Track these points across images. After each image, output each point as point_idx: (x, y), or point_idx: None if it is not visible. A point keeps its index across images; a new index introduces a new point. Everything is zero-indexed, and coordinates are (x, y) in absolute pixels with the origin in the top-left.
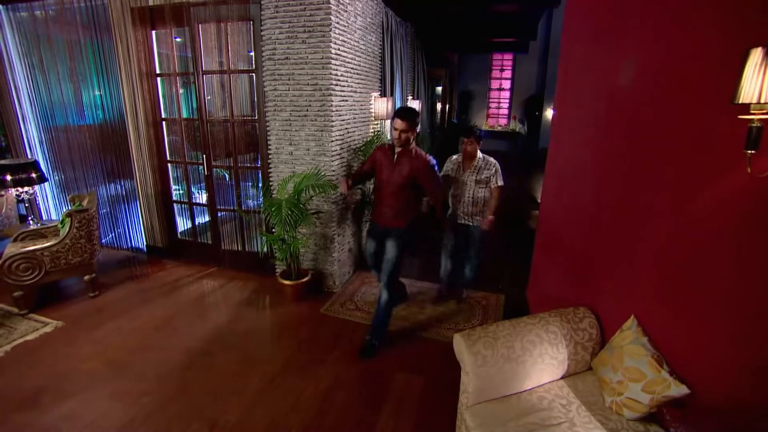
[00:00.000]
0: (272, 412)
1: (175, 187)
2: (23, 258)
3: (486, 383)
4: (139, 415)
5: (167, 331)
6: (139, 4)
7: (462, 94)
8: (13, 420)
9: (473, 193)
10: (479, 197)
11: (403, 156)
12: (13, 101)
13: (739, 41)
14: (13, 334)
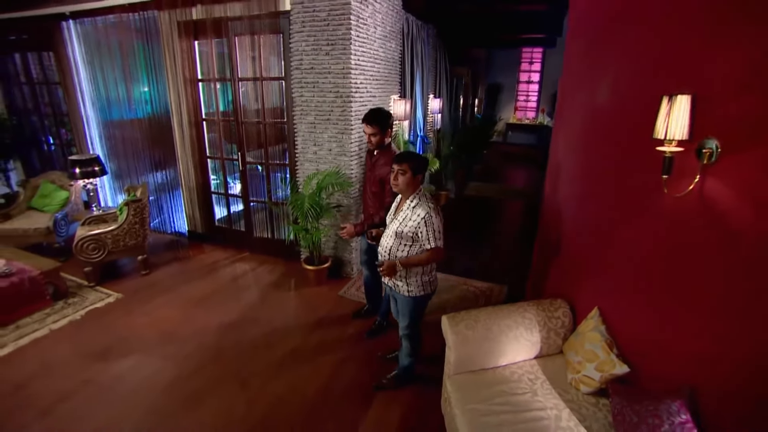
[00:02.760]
0: (292, 376)
1: (213, 177)
2: (92, 239)
3: (465, 357)
4: (184, 373)
5: (206, 307)
6: (184, 17)
7: (490, 87)
8: (91, 368)
9: (390, 249)
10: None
11: (381, 157)
12: (78, 102)
13: (659, 89)
14: (85, 302)
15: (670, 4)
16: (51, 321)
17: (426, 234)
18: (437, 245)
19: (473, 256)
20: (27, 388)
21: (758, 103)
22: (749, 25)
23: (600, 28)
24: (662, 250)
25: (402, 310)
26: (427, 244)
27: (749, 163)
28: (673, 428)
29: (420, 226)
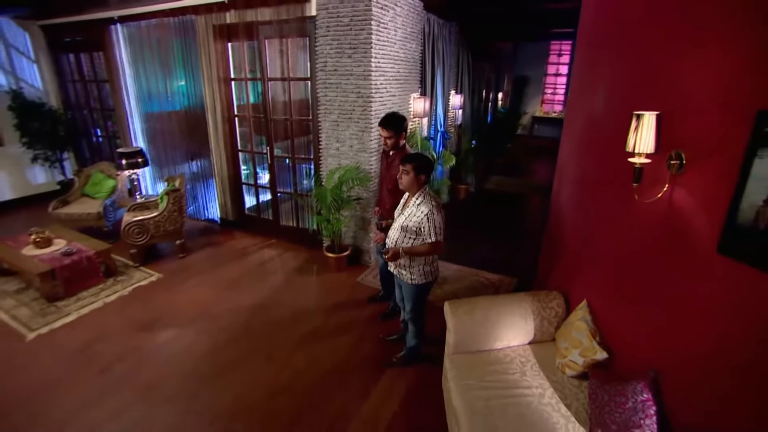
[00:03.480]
0: (312, 352)
1: (244, 168)
2: (137, 225)
3: (463, 339)
4: (218, 345)
5: (236, 288)
6: (219, 21)
7: (517, 79)
8: (137, 337)
9: (396, 240)
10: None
11: (396, 157)
12: (123, 97)
13: (634, 106)
14: (131, 280)
15: (644, 33)
16: (104, 295)
17: (428, 229)
18: (437, 239)
19: (488, 249)
20: (89, 350)
21: (716, 122)
22: (708, 52)
23: (597, 45)
24: (634, 251)
25: (406, 296)
26: (429, 238)
27: (707, 174)
28: (636, 405)
29: (423, 222)
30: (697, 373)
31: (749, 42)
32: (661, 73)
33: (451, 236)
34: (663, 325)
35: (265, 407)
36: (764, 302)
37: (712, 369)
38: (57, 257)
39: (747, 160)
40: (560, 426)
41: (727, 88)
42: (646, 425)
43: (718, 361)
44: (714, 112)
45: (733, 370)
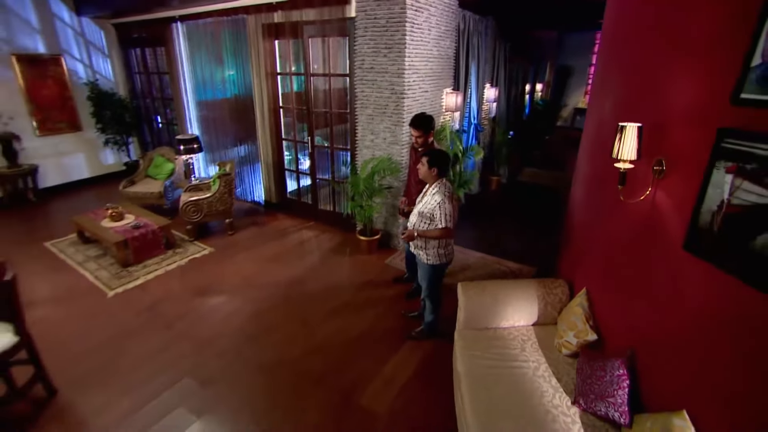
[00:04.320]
0: (342, 321)
1: (287, 154)
2: (193, 204)
3: (472, 317)
4: (260, 311)
5: (278, 263)
6: (267, 21)
7: (560, 69)
8: (193, 301)
9: (414, 224)
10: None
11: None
12: (181, 88)
13: (624, 117)
14: (187, 252)
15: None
16: (165, 264)
17: (439, 216)
18: (447, 226)
19: (513, 239)
20: (155, 309)
21: (689, 135)
22: (684, 75)
23: (608, 53)
24: (619, 246)
25: (422, 275)
26: (440, 223)
27: (680, 181)
28: (612, 378)
29: (436, 209)
30: (663, 353)
31: (713, 70)
32: (651, 89)
33: (476, 225)
34: (639, 311)
35: (299, 364)
36: (715, 293)
37: (674, 349)
38: (128, 229)
39: (708, 170)
40: (549, 394)
41: (697, 107)
42: (617, 395)
43: (679, 342)
44: (688, 127)
45: (692, 351)
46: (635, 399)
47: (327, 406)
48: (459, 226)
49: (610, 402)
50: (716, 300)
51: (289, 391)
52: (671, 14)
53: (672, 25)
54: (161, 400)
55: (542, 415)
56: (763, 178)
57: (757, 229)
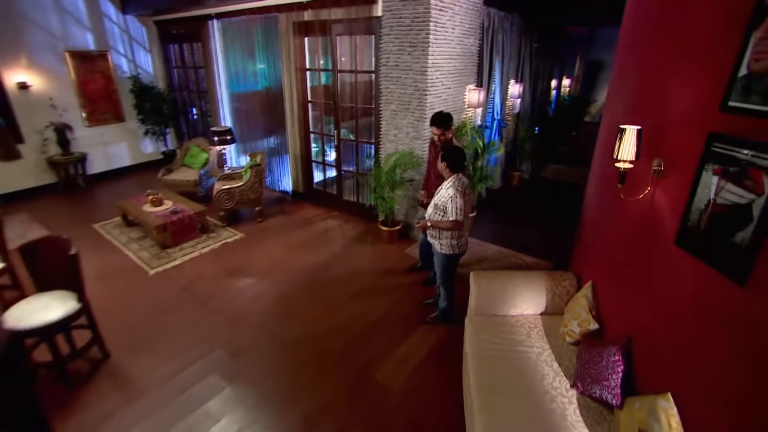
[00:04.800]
0: (362, 305)
1: (314, 146)
2: (226, 192)
3: (483, 304)
4: (287, 293)
5: (303, 249)
6: (298, 19)
7: (591, 64)
8: (226, 280)
9: (429, 215)
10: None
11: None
12: (215, 81)
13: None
14: (220, 237)
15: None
16: (200, 247)
17: (451, 209)
18: (457, 218)
19: (531, 234)
20: (191, 288)
21: (684, 138)
22: (683, 82)
23: (622, 55)
24: (620, 241)
25: (437, 263)
26: (451, 216)
27: (676, 181)
28: (608, 364)
29: (448, 203)
30: (654, 341)
31: (706, 78)
32: (654, 93)
33: (496, 219)
34: (636, 302)
35: (321, 342)
36: (700, 285)
37: (663, 337)
38: (167, 214)
39: (699, 171)
40: (549, 377)
41: (692, 112)
42: (612, 379)
43: (667, 331)
44: (684, 130)
45: (678, 339)
46: (629, 384)
47: (344, 380)
48: (479, 219)
49: (604, 385)
50: (701, 292)
51: (310, 365)
52: (672, 23)
53: (672, 34)
54: (197, 368)
55: (541, 395)
56: (742, 180)
57: (736, 226)
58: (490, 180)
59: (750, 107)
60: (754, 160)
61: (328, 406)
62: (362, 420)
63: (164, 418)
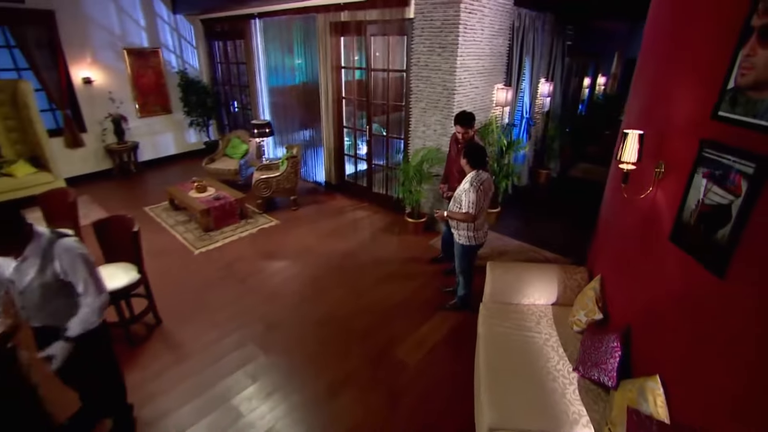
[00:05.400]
0: (387, 289)
1: (346, 139)
2: (263, 181)
3: (497, 292)
4: (317, 276)
5: (334, 237)
6: (335, 19)
7: (630, 61)
8: (262, 262)
9: (449, 206)
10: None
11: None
12: (256, 76)
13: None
14: (257, 223)
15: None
16: (239, 231)
17: (464, 201)
18: (468, 210)
19: (553, 231)
20: (231, 267)
21: (682, 143)
22: (682, 92)
23: (640, 66)
24: (626, 238)
25: (456, 253)
26: (463, 208)
27: (673, 182)
28: (607, 349)
29: (463, 196)
30: (648, 329)
31: (703, 88)
32: (661, 101)
33: (520, 215)
34: (636, 294)
35: (347, 320)
36: (689, 278)
37: (656, 325)
38: (210, 200)
39: (691, 174)
40: (554, 360)
41: (689, 119)
42: (609, 363)
43: (660, 319)
44: (682, 136)
45: (667, 326)
46: (626, 369)
47: (367, 354)
48: (503, 215)
49: (602, 368)
50: (689, 284)
51: (336, 340)
52: (678, 40)
53: (678, 50)
54: (235, 337)
55: (544, 376)
56: (725, 182)
57: (718, 224)
58: (515, 177)
59: (735, 117)
60: (734, 165)
61: (350, 375)
62: (380, 389)
63: (207, 378)
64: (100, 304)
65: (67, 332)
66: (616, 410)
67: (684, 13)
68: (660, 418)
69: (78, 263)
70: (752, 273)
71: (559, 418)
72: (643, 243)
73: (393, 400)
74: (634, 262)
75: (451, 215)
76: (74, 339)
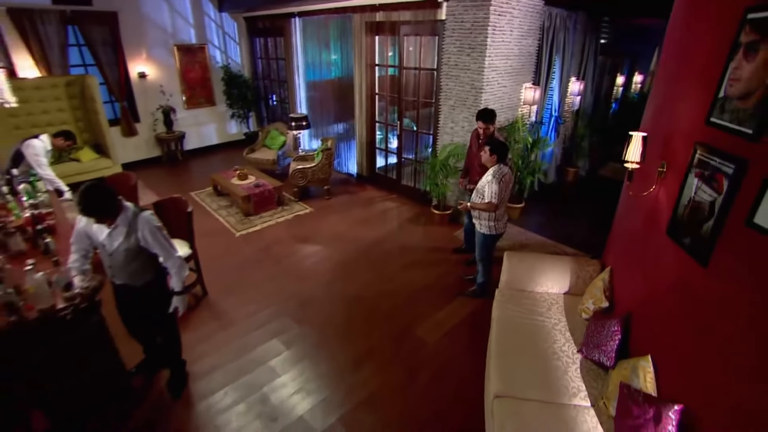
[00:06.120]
0: (411, 275)
1: (378, 133)
2: (300, 171)
3: (512, 279)
4: (347, 260)
5: (363, 225)
6: (370, 19)
7: None
8: (296, 245)
9: (472, 197)
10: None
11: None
12: (294, 72)
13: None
14: (293, 210)
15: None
16: (276, 217)
17: (487, 192)
18: (491, 200)
19: (576, 228)
20: (269, 249)
21: (680, 145)
22: (685, 100)
23: (656, 83)
24: (632, 232)
25: (477, 241)
26: (486, 198)
27: (672, 181)
28: (608, 333)
29: (485, 187)
30: (645, 315)
31: (700, 95)
32: (669, 107)
33: (544, 212)
34: (637, 284)
35: (373, 301)
36: (680, 267)
37: (652, 310)
38: (251, 187)
39: (686, 173)
40: (560, 342)
41: (688, 123)
42: (609, 345)
43: (654, 306)
44: (681, 139)
45: (661, 311)
46: (625, 353)
47: (390, 331)
48: (527, 210)
49: (603, 350)
50: (679, 273)
51: (363, 318)
52: (684, 52)
53: (683, 60)
54: (272, 310)
55: (549, 355)
56: (711, 182)
57: (704, 219)
58: (540, 174)
59: (723, 123)
60: (720, 166)
61: (374, 349)
62: (400, 363)
63: (247, 343)
64: (180, 261)
65: (175, 289)
66: (611, 386)
67: (689, 31)
68: (648, 392)
69: (156, 233)
70: (729, 262)
71: (559, 391)
72: (645, 237)
73: (411, 373)
74: (637, 254)
75: (474, 206)
76: (181, 291)
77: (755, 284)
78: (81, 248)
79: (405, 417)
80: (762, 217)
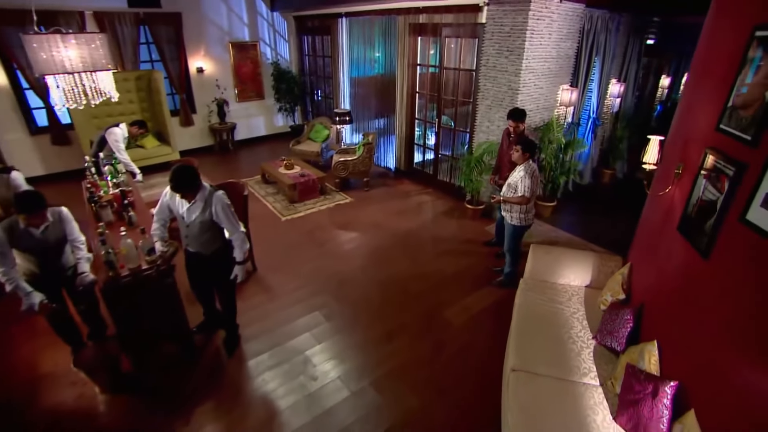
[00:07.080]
0: (442, 263)
1: (417, 130)
2: (341, 163)
3: (537, 271)
4: (382, 247)
5: (400, 216)
6: (414, 21)
7: None
8: (336, 231)
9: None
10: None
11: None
12: (339, 69)
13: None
14: (334, 199)
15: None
16: (318, 205)
17: (521, 187)
18: (524, 194)
19: (606, 228)
20: (312, 234)
21: (695, 150)
22: (701, 108)
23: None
24: (649, 230)
25: (506, 233)
26: (519, 192)
27: (685, 181)
28: (621, 321)
29: (518, 182)
30: (656, 304)
31: (712, 104)
32: (689, 113)
33: (577, 212)
34: (652, 277)
35: (405, 284)
36: (686, 260)
37: (662, 301)
38: (296, 176)
39: (697, 175)
40: (576, 329)
41: (703, 130)
42: (621, 332)
43: (665, 295)
44: (696, 143)
45: (669, 300)
46: (636, 340)
47: (420, 311)
48: (559, 209)
49: (614, 336)
50: (686, 265)
51: (395, 298)
52: (704, 64)
53: (704, 71)
54: (313, 287)
55: (565, 339)
56: (715, 183)
57: (708, 215)
58: (573, 174)
59: (729, 130)
60: (723, 168)
61: (404, 326)
62: (428, 339)
63: (290, 313)
64: (243, 236)
65: (237, 259)
66: (619, 369)
67: (711, 42)
68: (651, 372)
69: (226, 209)
70: (727, 254)
71: (571, 370)
72: (660, 233)
73: (437, 348)
74: (653, 249)
75: (506, 199)
76: (242, 261)
77: (746, 275)
78: (162, 218)
79: (429, 384)
80: (753, 214)
